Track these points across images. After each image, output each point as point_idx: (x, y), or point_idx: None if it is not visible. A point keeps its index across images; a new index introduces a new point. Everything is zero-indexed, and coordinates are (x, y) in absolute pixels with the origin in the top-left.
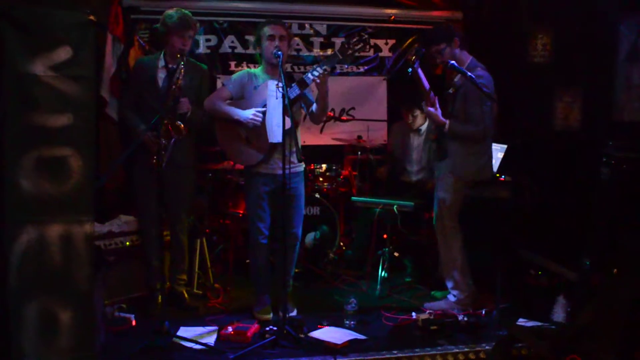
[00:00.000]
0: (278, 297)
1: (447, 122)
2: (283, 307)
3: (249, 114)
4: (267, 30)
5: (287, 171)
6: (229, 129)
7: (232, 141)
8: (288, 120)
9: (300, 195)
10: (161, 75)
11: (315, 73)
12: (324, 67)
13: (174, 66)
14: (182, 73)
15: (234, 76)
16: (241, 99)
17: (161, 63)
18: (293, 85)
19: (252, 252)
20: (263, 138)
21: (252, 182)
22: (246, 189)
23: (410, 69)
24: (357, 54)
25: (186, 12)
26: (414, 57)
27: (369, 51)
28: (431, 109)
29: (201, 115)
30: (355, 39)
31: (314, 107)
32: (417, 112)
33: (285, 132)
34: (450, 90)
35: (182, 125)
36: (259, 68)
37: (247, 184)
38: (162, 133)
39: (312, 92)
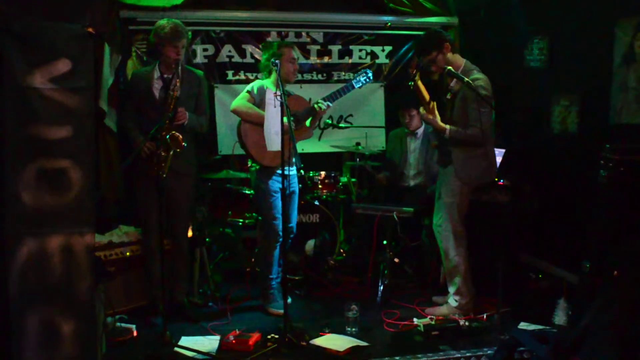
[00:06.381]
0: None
1: (447, 128)
2: (285, 302)
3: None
4: (286, 51)
5: (286, 173)
6: (256, 132)
7: (258, 143)
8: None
9: (297, 194)
10: (157, 85)
11: (323, 106)
12: (328, 102)
13: (170, 76)
14: (178, 83)
15: (256, 84)
16: (260, 107)
17: (157, 74)
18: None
19: (269, 243)
20: None
21: (271, 179)
22: (264, 186)
23: (411, 82)
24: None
25: (177, 21)
26: (415, 71)
27: (365, 58)
28: (430, 117)
29: (201, 123)
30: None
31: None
32: (414, 113)
33: (283, 140)
34: (448, 96)
35: (181, 137)
36: (268, 81)
37: (265, 181)
38: (161, 144)
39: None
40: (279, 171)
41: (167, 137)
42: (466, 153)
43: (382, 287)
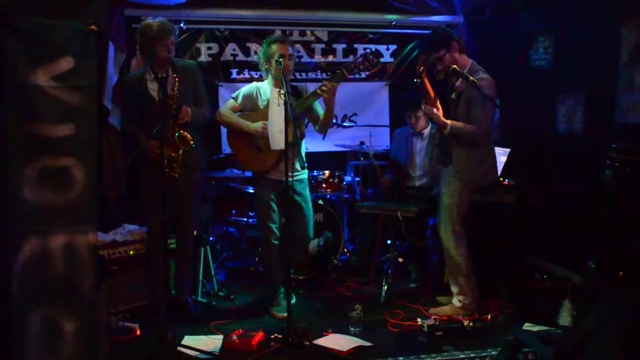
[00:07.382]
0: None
1: (448, 123)
2: (288, 302)
3: (257, 126)
4: (275, 48)
5: (290, 178)
6: (241, 138)
7: (244, 149)
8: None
9: (308, 200)
10: (153, 87)
11: (324, 88)
12: (332, 82)
13: (164, 75)
14: (177, 80)
15: (244, 90)
16: (254, 111)
17: (150, 75)
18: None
19: (266, 252)
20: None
21: (262, 186)
22: (256, 194)
23: (417, 79)
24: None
25: (163, 19)
26: (421, 68)
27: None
28: (433, 109)
29: (204, 113)
30: (362, 59)
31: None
32: (420, 114)
33: (287, 139)
34: (453, 96)
35: (189, 137)
36: (266, 82)
37: (257, 189)
38: (168, 144)
39: (321, 104)
40: (272, 177)
41: (176, 135)
42: (467, 154)
43: (385, 287)
